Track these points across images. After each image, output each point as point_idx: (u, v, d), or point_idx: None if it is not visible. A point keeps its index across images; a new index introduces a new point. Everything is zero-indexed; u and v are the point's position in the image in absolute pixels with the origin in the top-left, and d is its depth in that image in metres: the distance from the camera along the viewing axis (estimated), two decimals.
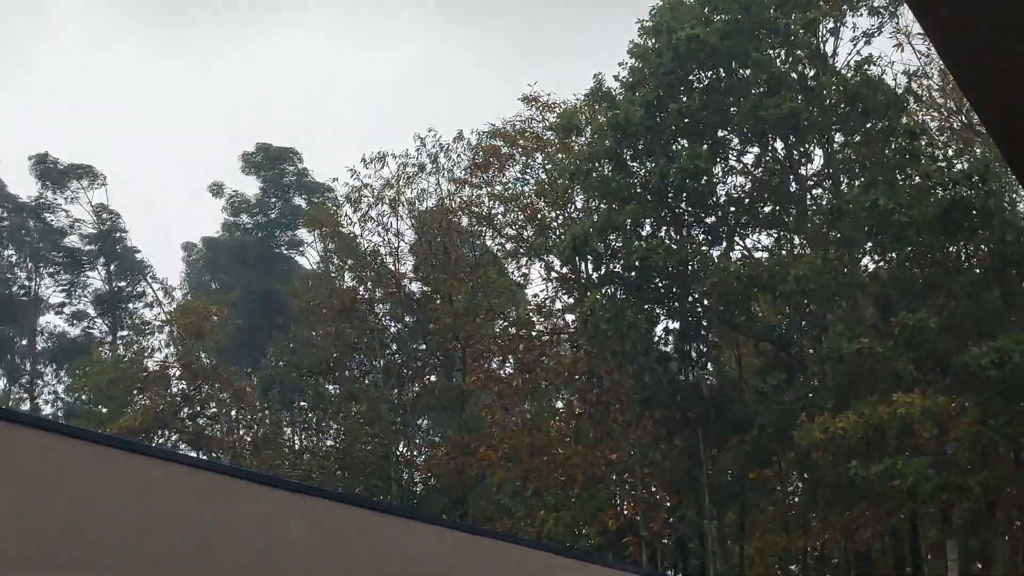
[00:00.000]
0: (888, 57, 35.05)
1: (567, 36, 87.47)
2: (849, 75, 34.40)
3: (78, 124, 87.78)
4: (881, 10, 35.08)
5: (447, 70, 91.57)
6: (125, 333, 57.58)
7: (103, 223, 58.79)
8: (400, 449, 43.17)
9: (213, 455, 42.26)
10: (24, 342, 60.70)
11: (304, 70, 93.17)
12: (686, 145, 35.52)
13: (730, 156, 37.38)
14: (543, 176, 41.87)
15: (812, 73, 35.20)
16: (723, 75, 36.07)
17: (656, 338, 37.90)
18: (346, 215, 45.16)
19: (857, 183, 34.28)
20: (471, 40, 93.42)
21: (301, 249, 58.24)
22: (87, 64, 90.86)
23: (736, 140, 37.31)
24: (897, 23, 33.88)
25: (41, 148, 59.29)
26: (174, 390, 44.59)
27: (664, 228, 36.98)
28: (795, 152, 36.59)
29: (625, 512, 34.89)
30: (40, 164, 58.30)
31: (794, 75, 35.04)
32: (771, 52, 35.31)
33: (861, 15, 35.03)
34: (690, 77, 36.00)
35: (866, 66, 34.26)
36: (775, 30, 35.18)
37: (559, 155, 40.97)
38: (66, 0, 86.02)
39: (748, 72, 35.85)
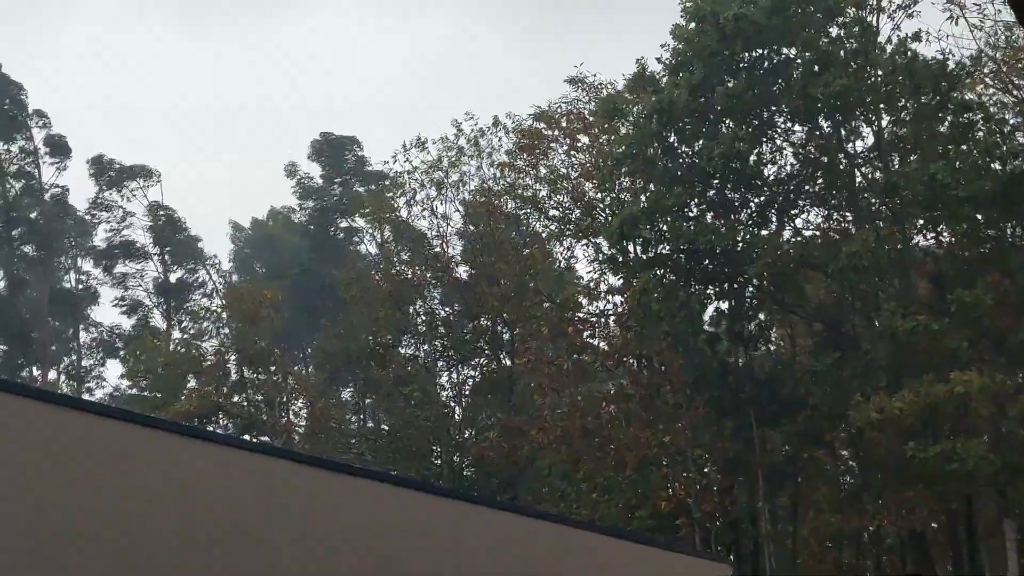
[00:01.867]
0: (936, 30, 34.18)
1: (597, 14, 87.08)
2: (895, 51, 33.85)
3: (116, 109, 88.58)
4: None
5: (479, 47, 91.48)
6: (183, 321, 58.50)
7: (158, 219, 59.96)
8: (451, 433, 43.31)
9: (266, 439, 42.63)
10: (82, 336, 61.92)
11: (336, 49, 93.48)
12: (731, 127, 35.21)
13: (776, 136, 36.97)
14: (588, 158, 41.70)
15: (860, 50, 34.66)
16: (768, 55, 35.64)
17: (706, 319, 37.66)
18: (396, 200, 45.31)
19: (910, 159, 33.80)
20: (500, 17, 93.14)
21: (358, 237, 58.71)
22: (114, 44, 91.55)
23: (783, 119, 36.87)
24: None
25: (84, 134, 61.09)
26: (228, 375, 45.02)
27: (712, 210, 36.70)
28: (843, 129, 36.14)
29: (678, 494, 34.76)
30: (96, 165, 59.86)
31: (842, 53, 34.53)
32: (818, 31, 34.82)
33: None
34: (736, 58, 35.60)
35: (914, 41, 33.71)
36: (823, 8, 34.69)
37: (603, 138, 40.79)
38: None
39: (794, 51, 35.41)
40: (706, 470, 37.19)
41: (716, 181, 35.64)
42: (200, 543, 10.23)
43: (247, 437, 42.11)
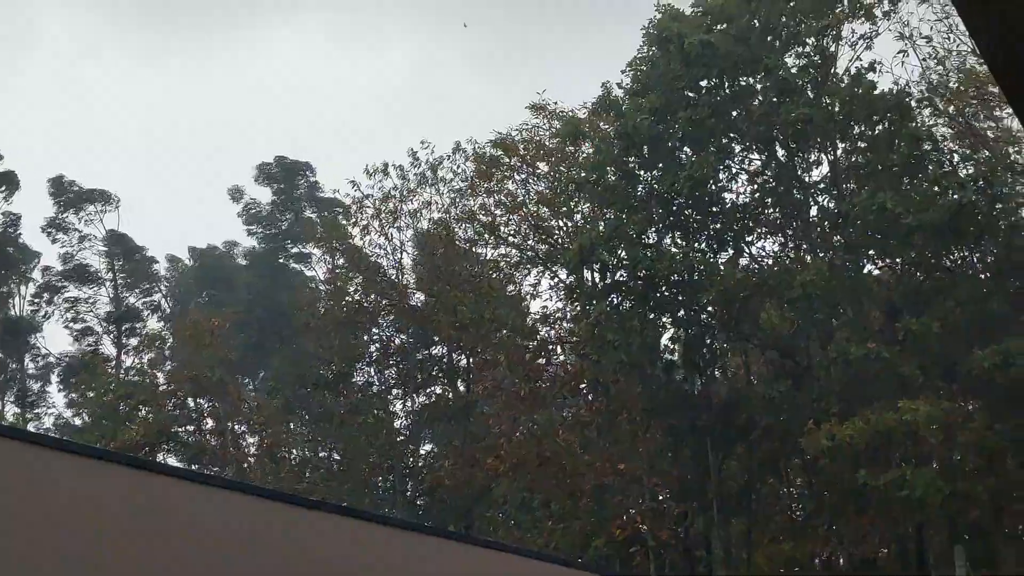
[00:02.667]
0: (889, 63, 34.70)
1: (559, 40, 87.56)
2: (852, 81, 34.28)
3: (73, 135, 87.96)
4: (878, 14, 34.82)
5: (441, 75, 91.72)
6: (134, 345, 57.81)
7: (114, 244, 59.41)
8: (405, 461, 43.03)
9: (216, 469, 42.15)
10: (30, 363, 61.03)
11: (296, 77, 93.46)
12: (690, 153, 35.44)
13: (734, 163, 37.25)
14: (547, 185, 41.78)
15: (819, 79, 35.06)
16: (729, 81, 35.95)
17: (663, 347, 37.78)
18: (351, 226, 45.15)
19: (863, 189, 34.17)
20: (463, 44, 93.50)
21: (309, 263, 58.36)
22: (76, 73, 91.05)
23: (740, 147, 37.15)
24: (902, 27, 33.68)
25: (40, 159, 60.43)
26: (176, 403, 44.47)
27: (670, 235, 36.87)
28: (799, 158, 36.47)
29: (633, 522, 34.71)
30: (57, 186, 59.25)
31: (801, 81, 34.89)
32: (781, 58, 35.15)
33: (859, 20, 34.84)
34: (698, 84, 35.87)
35: (869, 72, 34.14)
36: (786, 36, 35.05)
37: (562, 165, 40.90)
38: (50, 9, 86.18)
39: (755, 78, 35.73)
40: (661, 498, 37.20)
41: (675, 207, 35.81)
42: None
43: (196, 467, 41.62)
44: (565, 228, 41.43)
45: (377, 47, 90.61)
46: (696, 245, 36.68)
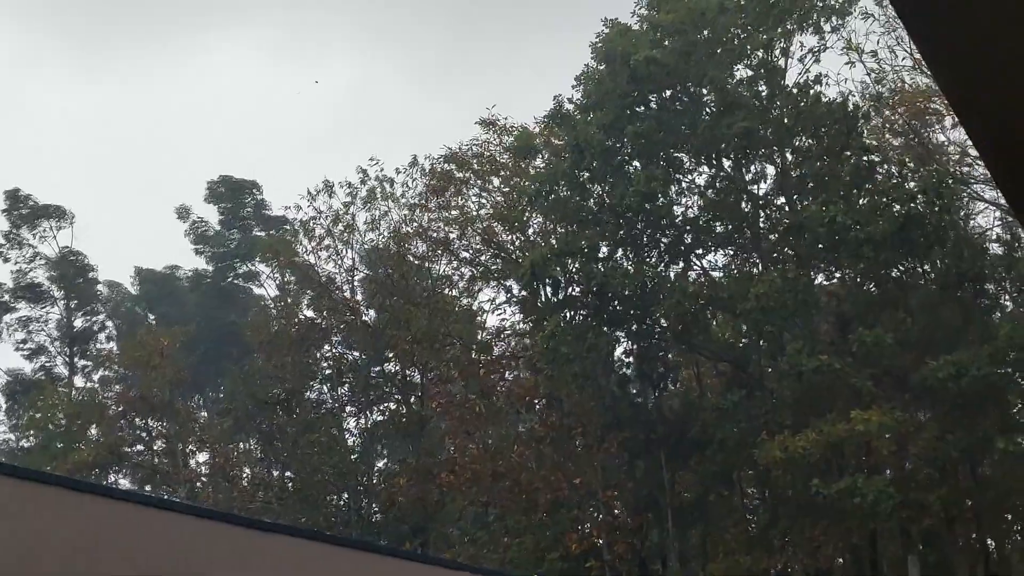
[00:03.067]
0: (837, 74, 35.00)
1: (500, 55, 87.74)
2: (798, 93, 34.54)
3: (14, 150, 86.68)
4: (826, 29, 35.12)
5: (382, 91, 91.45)
6: (81, 365, 56.99)
7: (69, 264, 58.47)
8: (359, 479, 42.71)
9: (168, 489, 41.62)
10: None
11: (237, 93, 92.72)
12: (640, 167, 35.52)
13: (684, 176, 37.39)
14: (500, 199, 41.75)
15: (765, 92, 35.32)
16: (678, 95, 36.13)
17: (616, 360, 37.77)
18: (300, 244, 44.82)
19: (812, 201, 34.40)
20: (403, 60, 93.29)
21: (258, 282, 57.80)
22: (14, 85, 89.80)
23: (689, 160, 37.30)
24: (848, 41, 33.99)
25: None
26: (126, 424, 43.91)
27: (622, 249, 36.93)
28: (748, 171, 36.68)
29: (589, 536, 34.64)
30: (12, 199, 58.25)
31: (747, 94, 35.12)
32: (726, 72, 35.36)
33: (807, 33, 35.12)
34: (648, 98, 36.02)
35: (816, 85, 34.42)
36: (731, 50, 35.25)
37: (515, 178, 40.87)
38: None
39: (703, 92, 35.93)
40: (617, 511, 37.15)
41: (626, 220, 35.87)
42: None
43: (148, 488, 41.09)
44: (518, 242, 41.38)
45: (317, 63, 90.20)
46: (647, 259, 36.76)
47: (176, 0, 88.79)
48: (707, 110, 35.67)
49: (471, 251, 42.29)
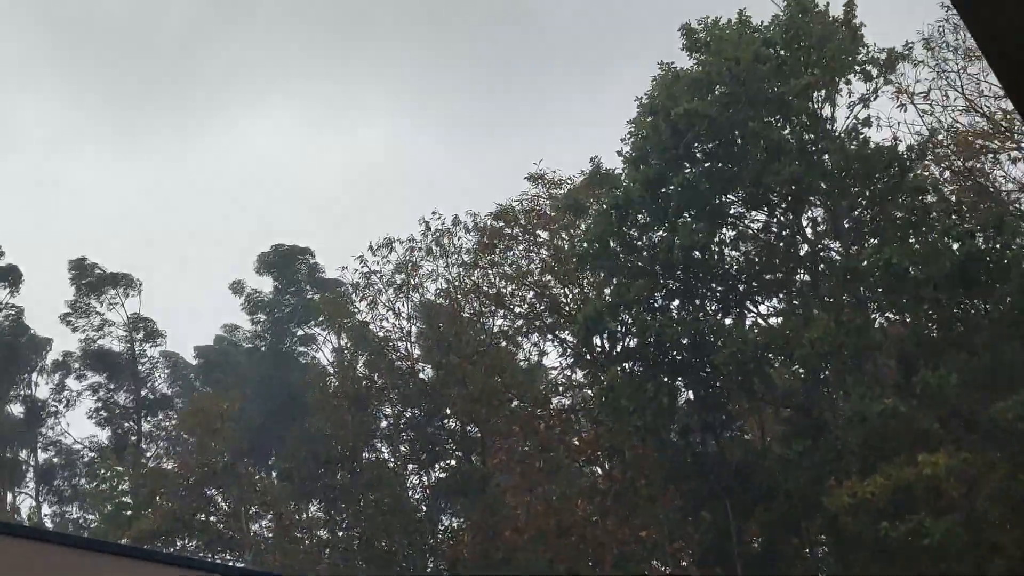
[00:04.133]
0: (890, 117, 34.75)
1: (540, 108, 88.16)
2: (846, 136, 34.40)
3: (59, 229, 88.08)
4: (874, 73, 35.00)
5: (419, 151, 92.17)
6: (149, 434, 57.54)
7: (137, 330, 59.20)
8: (424, 537, 42.59)
9: (235, 554, 41.75)
10: (44, 455, 60.66)
11: (275, 163, 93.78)
12: (688, 217, 35.48)
13: (735, 224, 37.25)
14: (550, 253, 41.81)
15: (811, 138, 35.18)
16: (723, 145, 36.10)
17: (677, 410, 37.50)
18: (356, 304, 45.11)
19: (868, 243, 34.11)
20: (439, 121, 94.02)
21: (315, 345, 58.07)
22: (54, 167, 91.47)
23: (741, 208, 37.19)
24: (898, 84, 33.83)
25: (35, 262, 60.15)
26: (189, 491, 44.17)
27: (676, 300, 36.78)
28: (801, 216, 36.49)
29: None
30: (78, 268, 59.05)
31: (792, 141, 35.02)
32: (769, 120, 35.32)
33: (854, 80, 35.00)
34: (692, 149, 36.05)
35: (862, 128, 34.29)
36: (771, 99, 35.18)
37: (563, 232, 40.97)
38: (24, 111, 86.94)
39: (747, 141, 35.88)
40: (684, 563, 36.72)
41: (679, 272, 35.77)
42: None
43: (213, 555, 41.23)
44: (571, 296, 41.36)
45: (352, 130, 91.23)
46: (703, 306, 36.57)
47: (209, 76, 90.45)
48: (753, 158, 35.54)
49: (525, 306, 42.32)
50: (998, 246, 30.90)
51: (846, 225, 35.72)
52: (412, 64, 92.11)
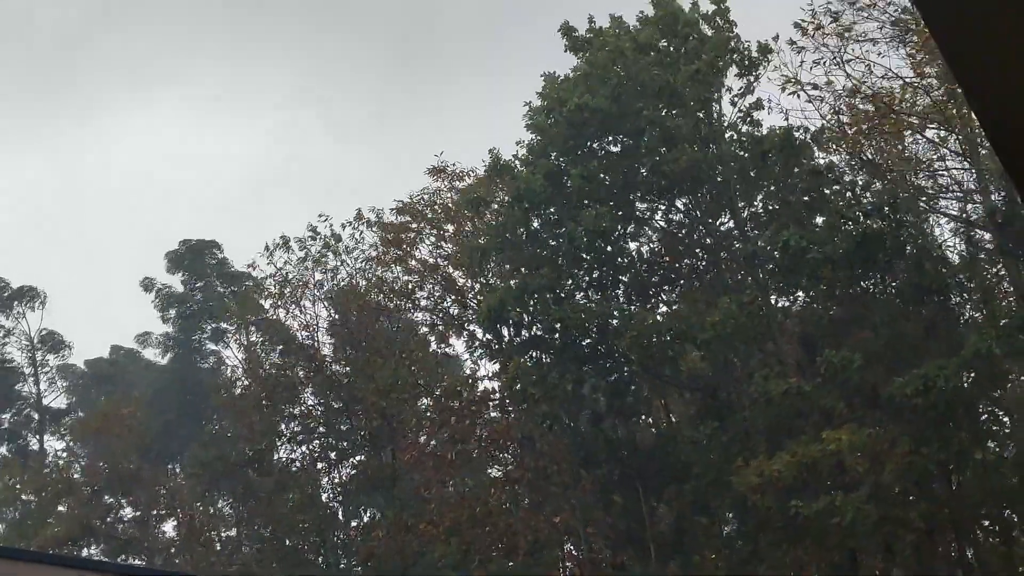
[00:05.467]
0: (779, 103, 35.16)
1: (435, 103, 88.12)
2: (739, 120, 34.98)
3: None
4: (756, 59, 35.42)
5: (314, 143, 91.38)
6: (50, 441, 56.52)
7: (43, 342, 58.31)
8: (336, 534, 42.30)
9: (143, 559, 41.02)
10: None
11: (167, 158, 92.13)
12: (592, 209, 35.75)
13: (639, 216, 37.64)
14: (456, 248, 41.81)
15: (704, 125, 35.63)
16: (621, 137, 36.49)
17: (587, 397, 37.79)
18: (264, 300, 44.67)
19: (767, 228, 34.68)
20: (328, 115, 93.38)
21: (224, 342, 57.36)
22: None
23: (643, 200, 37.58)
24: (784, 73, 34.21)
25: None
26: (95, 497, 43.28)
27: (583, 291, 37.03)
28: (701, 204, 36.95)
29: (572, 574, 34.48)
30: None
31: (685, 129, 35.42)
32: (661, 109, 35.75)
33: (736, 68, 35.43)
34: (591, 142, 36.37)
35: (754, 112, 34.86)
36: (662, 88, 35.50)
37: (468, 224, 40.99)
38: None
39: (643, 132, 36.27)
40: (597, 547, 37.04)
41: (584, 262, 36.01)
42: None
43: (121, 558, 40.45)
44: (477, 288, 41.42)
45: (242, 123, 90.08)
46: (610, 296, 36.88)
47: (89, 73, 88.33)
48: (649, 148, 35.92)
49: (432, 299, 42.26)
50: (893, 224, 31.63)
51: (744, 210, 36.28)
52: (305, 55, 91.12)
